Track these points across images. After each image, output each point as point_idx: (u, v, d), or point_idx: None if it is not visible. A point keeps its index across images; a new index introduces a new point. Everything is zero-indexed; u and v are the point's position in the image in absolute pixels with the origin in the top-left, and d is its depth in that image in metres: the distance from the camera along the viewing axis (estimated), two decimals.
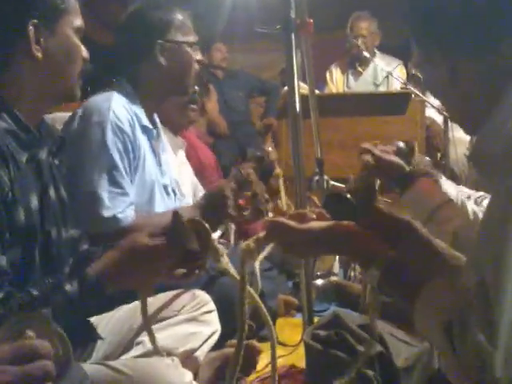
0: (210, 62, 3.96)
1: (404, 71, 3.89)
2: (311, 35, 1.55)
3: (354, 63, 3.98)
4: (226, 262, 0.96)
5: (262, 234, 0.89)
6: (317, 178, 1.66)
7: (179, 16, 1.59)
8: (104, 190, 1.43)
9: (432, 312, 0.75)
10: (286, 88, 1.80)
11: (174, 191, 1.69)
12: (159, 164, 1.64)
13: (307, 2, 1.53)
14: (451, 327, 0.71)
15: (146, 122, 1.59)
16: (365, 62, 3.93)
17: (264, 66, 4.96)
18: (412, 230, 0.90)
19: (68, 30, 1.06)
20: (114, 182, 1.45)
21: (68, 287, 0.91)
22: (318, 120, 1.70)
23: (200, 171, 2.40)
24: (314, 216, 0.91)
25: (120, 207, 1.44)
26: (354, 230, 0.86)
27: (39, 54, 1.03)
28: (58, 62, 1.05)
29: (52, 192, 1.08)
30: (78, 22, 1.09)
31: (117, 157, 1.46)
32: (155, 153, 1.62)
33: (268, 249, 0.94)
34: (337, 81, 4.01)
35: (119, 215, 1.43)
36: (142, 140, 1.56)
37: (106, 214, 1.42)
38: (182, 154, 2.28)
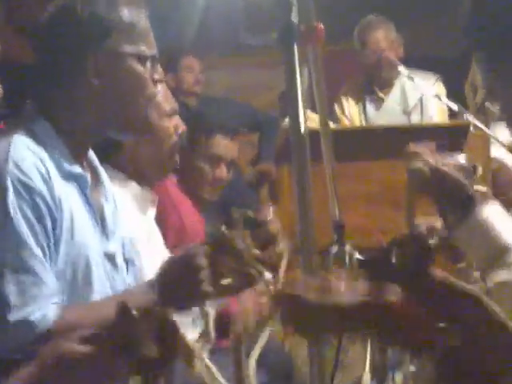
0: (178, 85, 4.02)
1: (443, 89, 3.95)
2: (322, 45, 1.57)
3: (372, 87, 4.03)
4: (204, 366, 0.97)
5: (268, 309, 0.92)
6: (335, 249, 1.66)
7: (127, 15, 1.57)
8: (7, 282, 1.39)
9: None
10: (287, 120, 1.81)
11: (126, 261, 1.67)
12: (100, 222, 1.62)
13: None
14: None
15: (71, 166, 1.56)
16: (387, 84, 3.99)
17: (256, 90, 5.05)
18: (482, 310, 0.91)
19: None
20: (23, 268, 1.41)
21: None
22: (334, 165, 1.71)
23: (180, 237, 2.44)
24: (342, 285, 0.93)
25: (33, 304, 1.40)
26: (399, 306, 0.87)
27: None
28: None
29: None
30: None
31: (24, 229, 1.42)
32: (93, 208, 1.60)
33: (264, 338, 0.95)
34: (351, 113, 4.07)
35: (32, 317, 1.39)
36: (67, 194, 1.53)
37: (13, 316, 1.37)
38: (151, 213, 2.32)
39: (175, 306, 1.44)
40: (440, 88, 3.91)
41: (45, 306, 1.42)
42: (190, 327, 2.18)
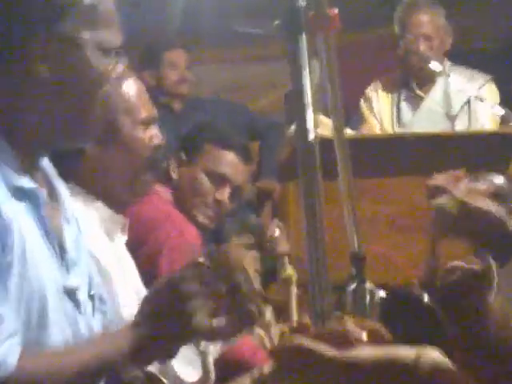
0: (160, 84, 4.03)
1: (496, 93, 3.95)
2: (338, 35, 1.57)
3: (409, 82, 4.04)
4: None
5: (266, 367, 0.94)
6: (353, 286, 1.65)
7: None
8: None
9: None
10: (293, 127, 1.80)
11: (91, 297, 1.67)
12: (59, 250, 1.61)
13: None
14: None
15: (21, 180, 1.55)
16: (428, 80, 4.00)
17: (255, 89, 5.05)
18: None
19: None
20: None
21: None
22: (351, 182, 1.70)
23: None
24: (363, 335, 0.93)
25: None
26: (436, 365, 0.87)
27: None
28: None
29: None
30: None
31: None
32: (49, 232, 1.59)
33: None
34: (380, 112, 4.07)
35: None
36: (17, 214, 1.52)
37: None
38: (122, 240, 2.33)
39: (160, 350, 1.49)
40: (491, 91, 3.91)
41: (5, 348, 1.42)
42: (188, 367, 2.20)
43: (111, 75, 1.61)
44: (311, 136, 1.46)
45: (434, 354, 0.90)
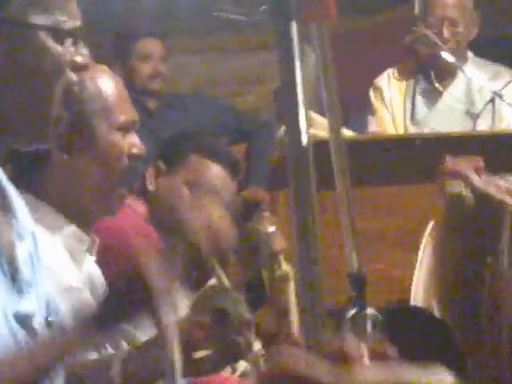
0: (130, 79, 4.01)
1: None
2: (333, 23, 1.57)
3: (428, 74, 4.01)
4: None
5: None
6: (353, 310, 1.66)
7: None
8: None
9: None
10: (283, 129, 1.78)
11: (49, 324, 1.65)
12: (9, 270, 1.59)
13: None
14: None
15: None
16: (448, 72, 3.99)
17: (241, 84, 5.06)
18: None
19: None
20: None
21: None
22: (350, 191, 1.70)
23: None
24: (364, 352, 0.93)
25: None
26: None
27: None
28: None
29: None
30: None
31: None
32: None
33: None
34: (392, 104, 4.05)
35: None
36: None
37: None
38: (90, 260, 2.32)
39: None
40: None
41: None
42: None
43: (72, 63, 1.60)
44: (304, 138, 1.45)
45: (447, 380, 0.89)
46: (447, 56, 3.67)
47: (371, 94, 4.05)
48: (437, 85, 3.99)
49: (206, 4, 4.05)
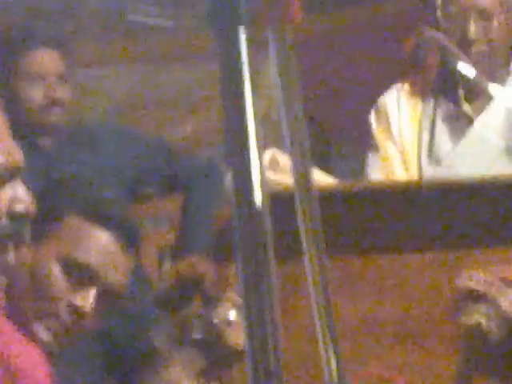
0: (15, 108, 3.99)
1: None
2: (298, 26, 1.61)
3: (453, 92, 4.01)
4: None
5: None
6: None
7: None
8: None
9: None
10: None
11: None
12: None
13: None
14: None
15: None
16: (479, 93, 4.00)
17: (174, 109, 5.10)
18: None
19: None
20: None
21: None
22: (326, 264, 1.71)
23: None
24: None
25: None
26: None
27: None
28: None
29: None
30: None
31: None
32: None
33: None
34: (402, 135, 4.05)
35: None
36: None
37: None
38: None
39: None
40: None
41: None
42: None
43: None
44: (256, 191, 1.45)
45: None
46: (466, 69, 3.69)
47: (373, 118, 4.06)
48: (465, 107, 3.97)
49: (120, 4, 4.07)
